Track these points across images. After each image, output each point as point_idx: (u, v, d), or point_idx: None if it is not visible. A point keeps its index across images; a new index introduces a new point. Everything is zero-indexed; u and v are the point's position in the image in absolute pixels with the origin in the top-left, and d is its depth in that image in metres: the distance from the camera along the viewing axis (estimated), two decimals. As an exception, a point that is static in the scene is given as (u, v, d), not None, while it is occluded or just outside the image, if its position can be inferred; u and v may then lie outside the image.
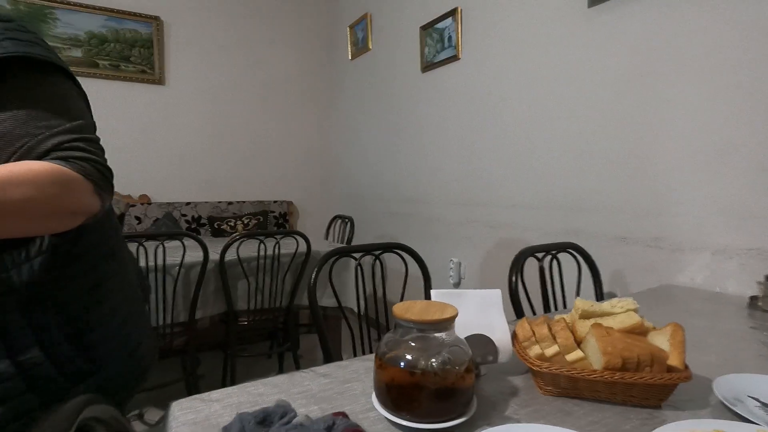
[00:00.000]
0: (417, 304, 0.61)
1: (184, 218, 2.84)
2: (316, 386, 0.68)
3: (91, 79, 2.59)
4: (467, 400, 0.57)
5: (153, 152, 2.80)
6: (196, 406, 0.62)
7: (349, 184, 3.34)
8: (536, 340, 0.68)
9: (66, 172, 0.51)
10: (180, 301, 1.71)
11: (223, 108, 3.01)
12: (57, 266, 0.57)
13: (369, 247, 1.28)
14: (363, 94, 3.09)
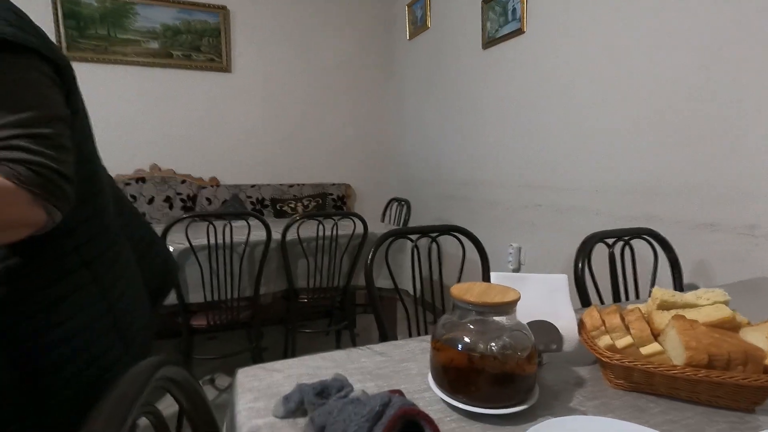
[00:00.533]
0: (476, 286, 0.59)
1: (249, 200, 2.99)
2: (372, 363, 0.68)
3: (166, 69, 2.78)
4: (528, 388, 0.54)
5: (221, 137, 2.96)
6: (259, 374, 0.65)
7: (405, 167, 3.32)
8: (606, 329, 0.63)
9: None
10: (245, 278, 1.81)
11: (284, 93, 3.10)
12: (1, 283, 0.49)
13: (426, 229, 1.27)
14: (421, 75, 3.03)
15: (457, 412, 0.54)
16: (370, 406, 0.43)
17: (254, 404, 0.57)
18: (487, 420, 0.52)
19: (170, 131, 2.83)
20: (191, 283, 1.70)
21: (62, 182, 0.48)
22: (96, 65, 2.61)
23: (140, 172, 2.76)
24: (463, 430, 0.51)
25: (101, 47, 2.63)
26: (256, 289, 1.80)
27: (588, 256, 1.15)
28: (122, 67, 2.68)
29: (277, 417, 0.53)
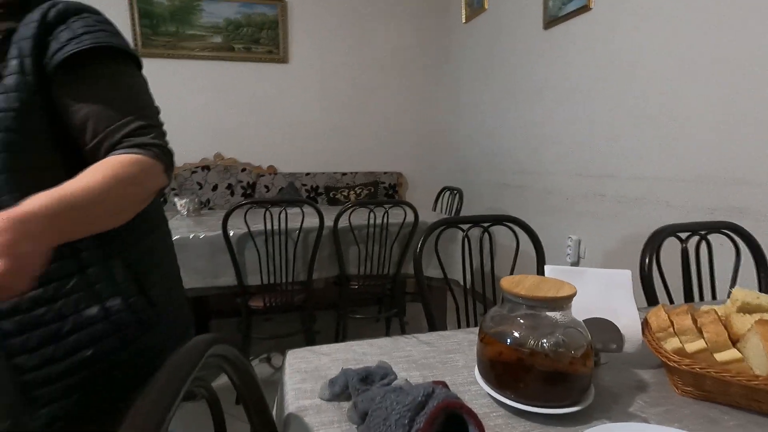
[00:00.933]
0: (528, 278, 0.56)
1: (304, 187, 3.08)
2: (418, 353, 0.68)
3: (228, 62, 2.91)
4: (582, 389, 0.51)
5: (279, 126, 3.06)
6: (307, 356, 0.67)
7: (458, 154, 3.24)
8: (675, 331, 0.58)
9: (146, 161, 0.58)
10: (299, 263, 1.87)
11: (339, 82, 3.14)
12: (122, 231, 0.61)
13: (477, 219, 1.23)
14: (476, 59, 2.92)
15: (503, 408, 0.53)
16: (412, 395, 0.43)
17: (301, 385, 0.58)
18: (535, 419, 0.50)
19: (232, 121, 2.97)
20: (249, 266, 1.79)
21: (172, 156, 0.65)
22: (166, 60, 2.80)
23: (205, 160, 2.93)
24: (509, 426, 0.49)
25: (171, 43, 2.80)
26: (309, 274, 1.86)
27: (657, 250, 1.05)
28: (189, 61, 2.84)
29: (323, 399, 0.54)
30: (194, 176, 2.87)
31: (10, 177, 0.55)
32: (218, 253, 1.75)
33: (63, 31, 0.57)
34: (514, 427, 0.49)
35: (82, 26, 0.58)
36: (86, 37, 0.57)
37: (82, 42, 0.57)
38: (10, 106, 0.55)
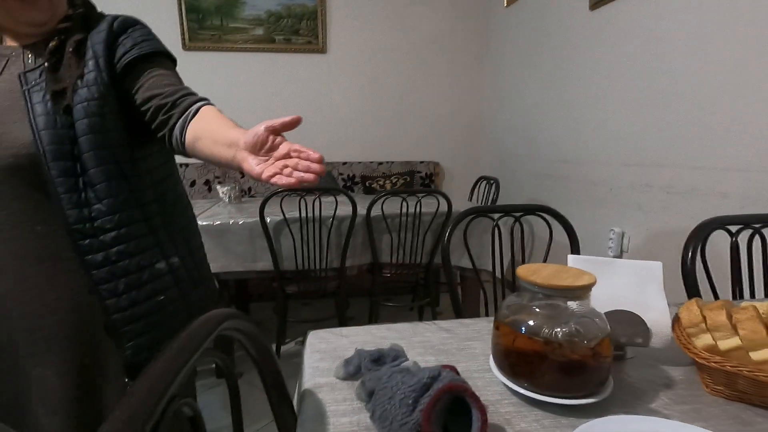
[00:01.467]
0: (547, 267, 0.55)
1: (340, 176, 3.13)
2: (437, 339, 0.68)
3: (269, 54, 2.98)
4: (599, 381, 0.49)
5: (317, 116, 3.12)
6: (328, 338, 0.69)
7: (498, 144, 3.16)
8: (707, 327, 0.55)
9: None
10: (333, 249, 1.91)
11: (377, 72, 3.13)
12: (172, 203, 0.78)
13: (509, 208, 1.20)
14: (517, 45, 2.82)
15: (516, 396, 0.52)
16: (418, 377, 0.43)
17: (319, 364, 0.61)
18: (548, 408, 0.49)
19: (272, 112, 3.06)
20: (285, 252, 1.85)
21: None
22: (211, 53, 2.91)
23: (247, 150, 3.04)
24: (521, 415, 0.49)
25: (216, 36, 2.91)
26: (342, 261, 1.90)
27: (702, 244, 0.99)
28: (232, 54, 2.94)
29: (338, 378, 0.56)
30: (237, 165, 2.99)
31: (95, 153, 0.67)
32: (256, 238, 1.82)
33: (126, 38, 0.72)
34: (525, 415, 0.49)
35: (139, 35, 0.74)
36: (146, 44, 0.73)
37: (142, 48, 0.72)
38: (92, 95, 0.67)
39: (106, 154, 0.68)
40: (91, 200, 0.67)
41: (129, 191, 0.71)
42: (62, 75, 0.67)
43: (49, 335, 0.69)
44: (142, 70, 0.72)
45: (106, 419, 0.25)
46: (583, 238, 1.22)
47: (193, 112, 0.69)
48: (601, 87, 2.04)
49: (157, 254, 0.73)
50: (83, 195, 0.67)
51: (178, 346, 0.34)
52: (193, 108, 0.69)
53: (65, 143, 0.66)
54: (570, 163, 2.31)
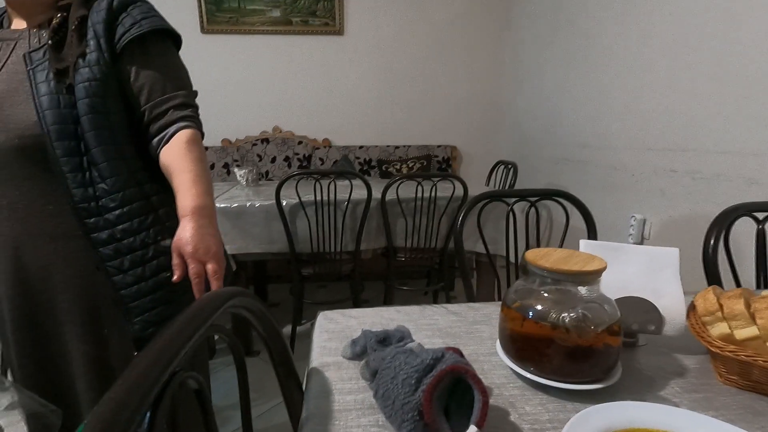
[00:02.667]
0: (557, 252, 0.54)
1: (357, 160, 3.12)
2: (445, 322, 0.69)
3: (286, 36, 2.97)
4: (607, 367, 0.49)
5: (334, 100, 3.10)
6: (337, 318, 0.70)
7: (516, 127, 3.09)
8: (723, 316, 0.53)
9: (198, 134, 0.76)
10: (348, 233, 1.92)
11: (395, 54, 3.08)
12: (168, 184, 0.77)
13: (524, 193, 1.18)
14: (539, 25, 2.72)
15: (522, 380, 0.52)
16: (421, 358, 0.44)
17: (327, 344, 0.62)
18: (553, 393, 0.49)
19: (290, 95, 3.06)
20: (300, 234, 1.87)
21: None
22: (229, 36, 2.91)
23: (265, 133, 3.06)
24: (525, 398, 0.49)
25: (233, 19, 2.91)
26: (357, 244, 1.91)
27: (726, 231, 0.95)
28: (249, 36, 2.94)
29: (345, 357, 0.57)
30: (254, 148, 3.01)
31: (96, 134, 0.69)
32: (273, 221, 1.84)
33: (126, 17, 0.72)
34: (530, 398, 0.49)
35: (139, 13, 0.73)
36: (144, 22, 0.72)
37: (141, 26, 0.71)
38: (94, 76, 0.68)
39: (106, 134, 0.70)
40: (95, 179, 0.69)
41: (129, 171, 0.73)
42: (65, 53, 0.68)
43: (69, 309, 0.73)
44: (139, 52, 0.73)
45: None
46: (602, 224, 1.20)
47: (166, 139, 0.73)
48: (627, 68, 1.96)
49: (162, 231, 0.75)
50: (87, 174, 0.69)
51: (183, 320, 0.35)
52: (167, 133, 0.73)
53: (69, 123, 0.67)
54: (590, 148, 2.25)
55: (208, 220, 0.70)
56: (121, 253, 0.72)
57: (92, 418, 0.22)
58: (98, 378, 0.75)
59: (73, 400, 0.76)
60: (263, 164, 3.03)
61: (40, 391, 0.75)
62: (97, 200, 0.70)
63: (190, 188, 0.69)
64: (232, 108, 2.99)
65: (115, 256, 0.71)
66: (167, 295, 0.75)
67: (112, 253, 0.71)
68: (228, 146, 3.00)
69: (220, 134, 3.01)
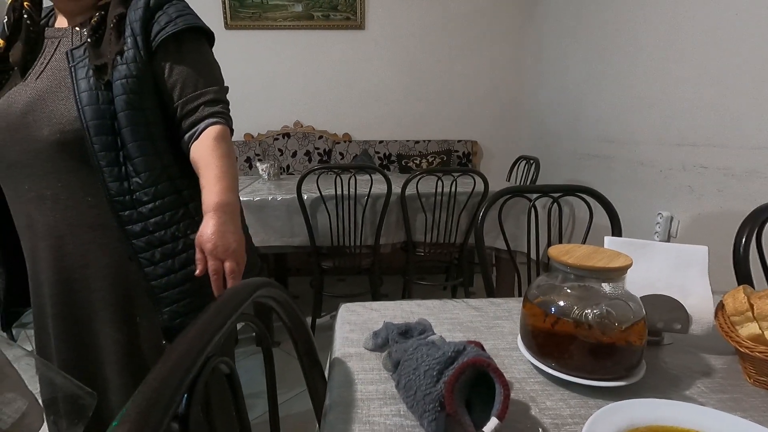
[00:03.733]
0: (580, 248, 0.53)
1: (377, 155, 3.13)
2: (465, 317, 0.69)
3: (307, 31, 2.98)
4: (630, 364, 0.48)
5: (354, 94, 3.11)
6: (359, 310, 0.71)
7: (538, 122, 3.04)
8: (754, 316, 0.52)
9: (227, 130, 0.79)
10: (368, 227, 1.94)
11: (415, 47, 3.07)
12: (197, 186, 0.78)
13: (547, 188, 1.17)
14: (562, 18, 2.66)
15: (543, 375, 0.52)
16: (443, 350, 0.44)
17: (349, 335, 0.63)
18: (575, 389, 0.49)
19: (311, 90, 3.08)
20: (321, 228, 1.90)
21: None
22: (251, 32, 2.95)
23: (286, 128, 3.10)
24: (546, 393, 0.49)
25: (256, 15, 2.94)
26: (376, 239, 1.92)
27: (759, 229, 0.92)
28: (271, 32, 2.97)
29: (366, 349, 0.58)
30: (276, 143, 3.06)
31: (132, 129, 0.72)
32: (294, 214, 1.87)
33: (162, 15, 0.75)
34: (551, 394, 0.49)
35: (175, 11, 0.76)
36: (179, 20, 0.75)
37: (177, 24, 0.74)
38: (131, 73, 0.71)
39: (142, 130, 0.73)
40: (130, 173, 0.72)
41: (162, 166, 0.75)
42: (103, 50, 0.71)
43: (104, 297, 0.77)
44: (173, 49, 0.76)
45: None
46: (627, 221, 1.17)
47: (196, 135, 0.76)
48: (657, 60, 1.90)
49: (192, 225, 0.77)
50: (123, 168, 0.72)
51: (214, 309, 0.36)
52: (197, 129, 0.76)
53: (106, 118, 0.70)
54: (616, 143, 2.19)
55: (230, 216, 0.71)
56: (152, 245, 0.75)
57: (138, 396, 0.23)
58: (128, 365, 0.79)
59: (101, 386, 0.80)
60: (284, 158, 3.07)
61: (71, 374, 0.79)
62: (132, 194, 0.72)
63: (214, 184, 0.71)
64: (255, 103, 3.04)
65: (147, 248, 0.74)
66: (195, 287, 0.78)
67: (144, 245, 0.74)
68: (250, 141, 3.05)
69: (243, 129, 3.06)
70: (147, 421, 0.22)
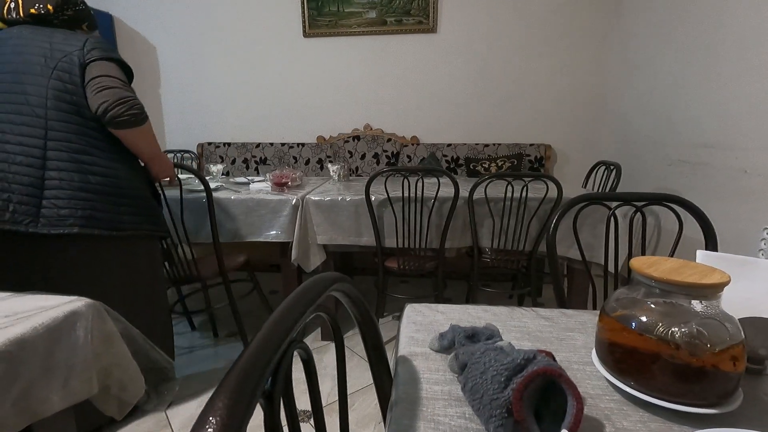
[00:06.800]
0: (668, 261, 0.50)
1: (444, 158, 3.11)
2: (535, 326, 0.67)
3: (380, 36, 3.05)
4: (724, 392, 0.44)
5: (423, 97, 3.12)
6: (424, 311, 0.72)
7: (621, 125, 2.82)
8: None
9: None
10: (433, 230, 1.94)
11: (487, 49, 3.01)
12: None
13: (629, 196, 1.09)
14: (653, 14, 2.45)
15: (619, 393, 0.49)
16: (512, 356, 0.44)
17: (415, 335, 0.64)
18: (657, 411, 0.46)
19: (381, 93, 3.15)
20: (387, 229, 1.93)
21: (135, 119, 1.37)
22: (328, 39, 3.08)
23: (356, 131, 3.19)
24: (623, 413, 0.46)
25: (332, 22, 3.07)
26: (441, 242, 1.91)
27: None
28: (346, 38, 3.08)
29: (432, 349, 0.59)
30: (346, 145, 3.16)
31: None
32: (361, 215, 1.93)
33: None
34: (628, 414, 0.46)
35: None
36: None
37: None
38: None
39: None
40: None
41: None
42: None
43: None
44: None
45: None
46: (725, 236, 1.05)
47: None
48: (753, 56, 1.69)
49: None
50: None
51: (295, 298, 0.39)
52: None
53: None
54: (714, 148, 1.98)
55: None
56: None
57: (233, 369, 0.27)
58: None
59: None
60: (353, 160, 3.16)
61: None
62: None
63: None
64: (328, 107, 3.17)
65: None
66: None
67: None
68: (322, 143, 3.18)
69: (316, 131, 3.20)
70: (242, 390, 0.25)
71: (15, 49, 1.23)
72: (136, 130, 1.30)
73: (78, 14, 1.35)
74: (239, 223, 1.95)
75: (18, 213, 1.16)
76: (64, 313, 0.70)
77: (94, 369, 0.75)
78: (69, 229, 1.21)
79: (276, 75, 3.11)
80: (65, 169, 1.22)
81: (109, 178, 1.30)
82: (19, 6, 1.25)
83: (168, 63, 3.20)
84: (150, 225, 1.43)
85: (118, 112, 1.22)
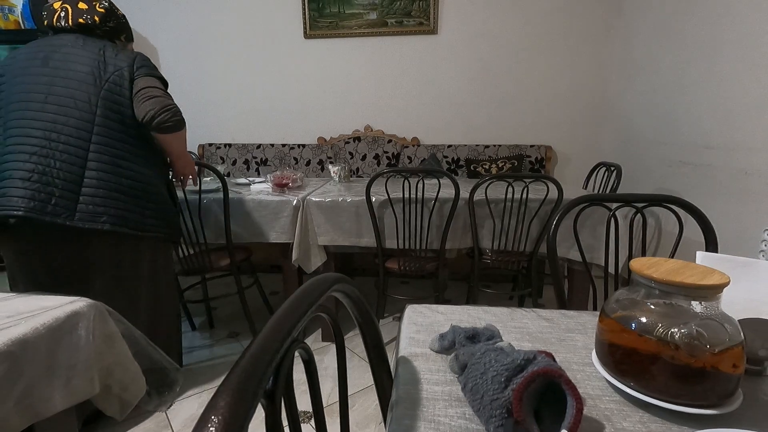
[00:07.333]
0: (667, 262, 0.50)
1: (445, 159, 3.11)
2: (535, 327, 0.67)
3: (381, 38, 3.06)
4: (723, 393, 0.44)
5: (424, 99, 3.12)
6: (425, 312, 0.72)
7: (622, 126, 2.83)
8: None
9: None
10: (434, 231, 1.94)
11: (488, 49, 3.01)
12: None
13: (629, 197, 1.09)
14: (655, 13, 2.45)
15: (619, 394, 0.49)
16: (512, 357, 0.44)
17: (416, 335, 0.64)
18: (655, 411, 0.46)
19: (381, 94, 3.15)
20: (387, 230, 1.93)
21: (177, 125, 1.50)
22: (329, 40, 3.09)
23: (357, 132, 3.19)
24: (623, 413, 0.46)
25: (333, 23, 3.08)
26: (442, 243, 1.91)
27: None
28: (347, 39, 3.08)
29: (432, 350, 0.59)
30: (347, 146, 3.16)
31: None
32: (362, 216, 1.93)
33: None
34: (628, 414, 0.46)
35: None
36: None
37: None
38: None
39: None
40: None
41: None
42: None
43: None
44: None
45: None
46: (726, 237, 1.05)
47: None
48: (760, 55, 1.69)
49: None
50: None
51: (297, 298, 0.39)
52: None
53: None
54: (716, 149, 1.98)
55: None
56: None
57: (235, 369, 0.27)
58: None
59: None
60: (354, 161, 3.17)
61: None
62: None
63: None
64: (329, 108, 3.17)
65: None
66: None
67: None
68: (323, 144, 3.19)
69: (317, 132, 3.20)
70: (245, 389, 0.25)
71: (68, 57, 1.35)
72: (176, 134, 1.44)
73: (119, 26, 1.50)
74: (240, 223, 1.95)
75: (59, 206, 1.26)
76: (66, 314, 0.70)
77: (95, 369, 0.76)
78: (101, 225, 1.31)
79: (277, 76, 3.11)
80: (103, 171, 1.33)
81: (140, 183, 1.41)
82: (69, 15, 1.37)
83: (169, 64, 3.21)
84: (168, 229, 1.54)
85: (165, 119, 1.36)
